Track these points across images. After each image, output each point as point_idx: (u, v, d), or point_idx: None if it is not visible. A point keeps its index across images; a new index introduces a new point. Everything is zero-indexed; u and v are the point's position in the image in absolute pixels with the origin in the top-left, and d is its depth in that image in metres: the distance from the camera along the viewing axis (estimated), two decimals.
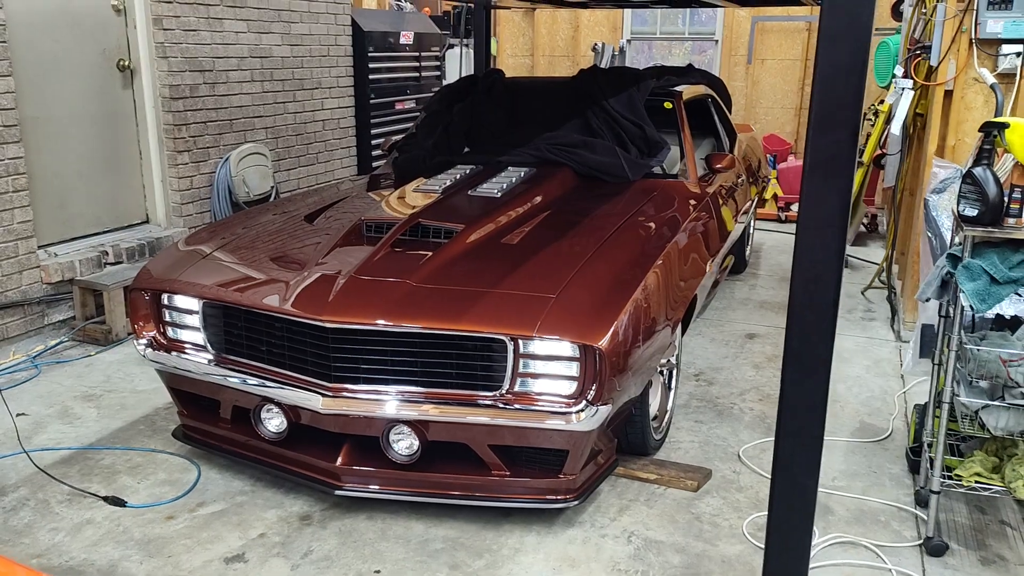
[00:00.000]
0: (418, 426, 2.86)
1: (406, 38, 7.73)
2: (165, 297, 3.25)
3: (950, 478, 2.83)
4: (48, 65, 4.72)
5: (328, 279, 2.98)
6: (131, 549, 2.83)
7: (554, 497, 2.91)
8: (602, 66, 9.31)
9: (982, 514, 3.08)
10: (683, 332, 3.82)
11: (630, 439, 3.30)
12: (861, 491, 3.25)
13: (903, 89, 4.53)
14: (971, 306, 2.53)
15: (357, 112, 7.25)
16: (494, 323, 2.75)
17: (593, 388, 2.72)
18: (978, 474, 2.77)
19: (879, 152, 6.19)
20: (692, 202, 4.10)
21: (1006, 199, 2.57)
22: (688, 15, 9.13)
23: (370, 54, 7.24)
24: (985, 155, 2.61)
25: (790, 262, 6.64)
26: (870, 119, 7.36)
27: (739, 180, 5.17)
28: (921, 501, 3.11)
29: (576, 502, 2.92)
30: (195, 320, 3.19)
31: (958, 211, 2.64)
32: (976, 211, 2.59)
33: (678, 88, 4.90)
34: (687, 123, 4.59)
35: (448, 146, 4.52)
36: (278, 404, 3.02)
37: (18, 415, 3.80)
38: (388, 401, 2.84)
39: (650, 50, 9.50)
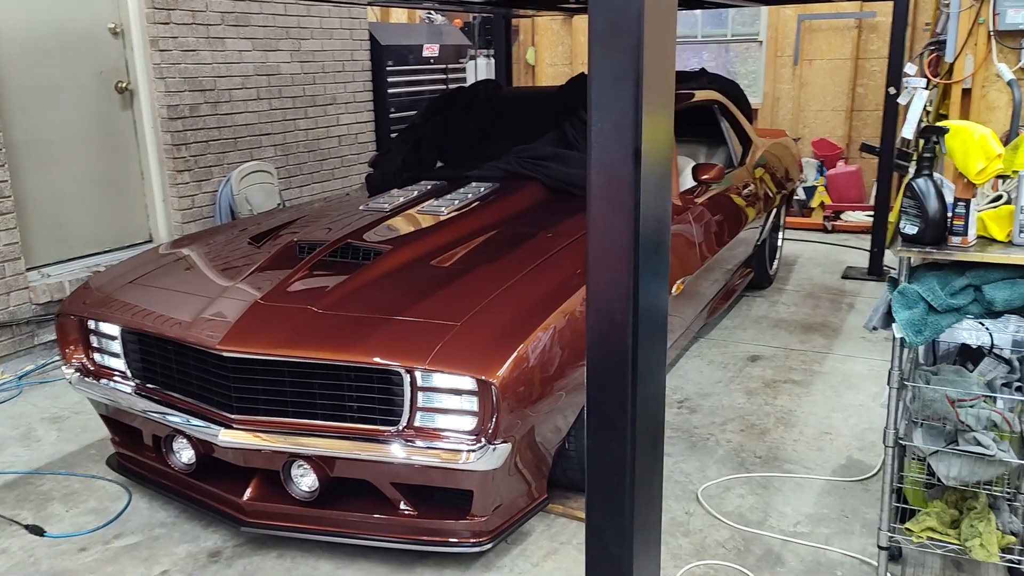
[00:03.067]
0: (318, 461, 2.70)
1: (430, 51, 7.64)
2: (91, 322, 3.20)
3: (903, 531, 2.49)
4: (42, 88, 4.81)
5: (235, 305, 2.86)
6: None
7: (462, 540, 2.70)
8: None
9: (957, 570, 2.71)
10: None
11: (569, 475, 3.06)
12: (824, 539, 2.91)
13: (915, 89, 4.11)
14: (903, 338, 2.21)
15: (377, 126, 7.19)
16: (388, 353, 2.57)
17: (492, 424, 2.50)
18: (931, 528, 2.41)
19: None
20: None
21: (949, 215, 2.24)
22: (729, 15, 8.73)
23: (390, 68, 7.17)
24: (926, 164, 2.27)
25: (823, 276, 6.23)
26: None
27: (746, 190, 4.82)
28: (890, 554, 2.75)
29: (488, 545, 2.70)
30: (117, 347, 3.13)
31: (899, 228, 2.32)
32: (916, 228, 2.26)
33: (676, 93, 4.60)
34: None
35: (418, 161, 4.37)
36: (186, 435, 2.92)
37: None
38: (285, 435, 2.69)
39: (728, 53, 9.07)
